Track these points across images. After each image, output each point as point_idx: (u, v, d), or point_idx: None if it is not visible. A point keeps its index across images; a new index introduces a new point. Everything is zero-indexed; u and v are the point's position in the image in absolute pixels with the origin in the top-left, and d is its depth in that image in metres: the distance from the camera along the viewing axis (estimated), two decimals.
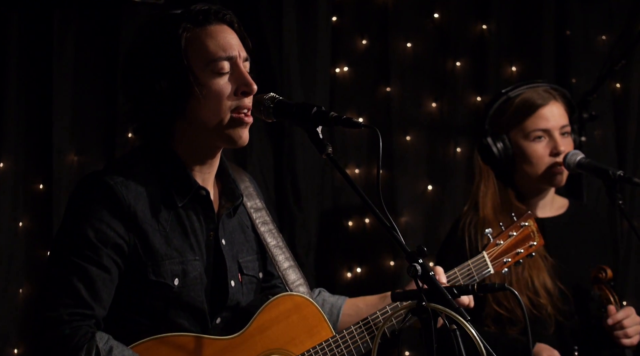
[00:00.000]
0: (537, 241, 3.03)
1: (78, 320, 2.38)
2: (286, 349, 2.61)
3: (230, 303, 2.59)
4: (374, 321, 2.70)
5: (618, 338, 3.39)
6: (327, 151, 2.38)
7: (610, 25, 4.48)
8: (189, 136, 2.54)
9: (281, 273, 2.77)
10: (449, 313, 2.13)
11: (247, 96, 2.54)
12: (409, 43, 4.31)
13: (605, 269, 3.45)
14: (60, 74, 3.67)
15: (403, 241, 2.28)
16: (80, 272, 2.40)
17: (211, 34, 2.53)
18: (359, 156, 4.22)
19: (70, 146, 3.69)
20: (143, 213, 2.47)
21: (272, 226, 2.81)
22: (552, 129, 3.51)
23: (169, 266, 2.48)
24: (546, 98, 3.54)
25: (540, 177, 3.53)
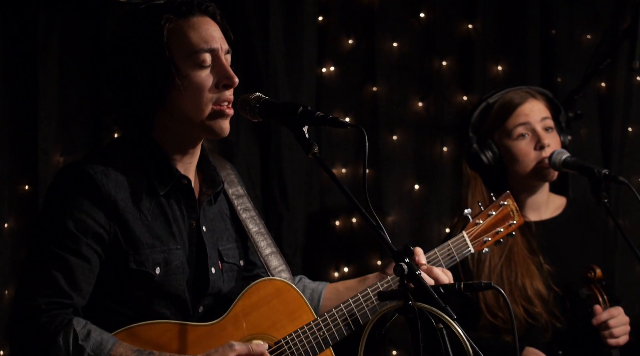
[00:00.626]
0: (516, 219, 3.04)
1: (56, 308, 2.38)
2: (268, 333, 2.62)
3: (211, 290, 2.59)
4: (355, 304, 2.71)
5: (604, 338, 3.40)
6: (314, 150, 2.38)
7: (595, 25, 4.50)
8: (170, 126, 2.55)
9: (263, 259, 2.77)
10: (435, 313, 2.14)
11: (229, 88, 2.55)
12: (395, 42, 4.31)
13: (595, 269, 3.46)
14: (45, 75, 3.66)
15: (389, 240, 2.28)
16: (59, 262, 2.40)
17: (193, 26, 2.53)
18: (345, 156, 4.22)
19: (55, 146, 3.68)
20: (124, 202, 2.47)
21: (253, 213, 2.82)
22: (533, 123, 3.52)
23: (151, 255, 2.48)
24: (524, 96, 3.57)
25: (530, 174, 3.54)
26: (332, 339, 2.67)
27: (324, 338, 2.66)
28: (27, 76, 3.66)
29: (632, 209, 4.37)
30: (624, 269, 4.39)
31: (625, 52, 4.23)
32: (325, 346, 2.66)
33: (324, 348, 2.66)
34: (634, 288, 4.42)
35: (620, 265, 4.39)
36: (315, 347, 2.64)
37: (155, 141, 2.56)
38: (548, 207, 3.64)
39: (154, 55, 2.49)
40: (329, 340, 2.67)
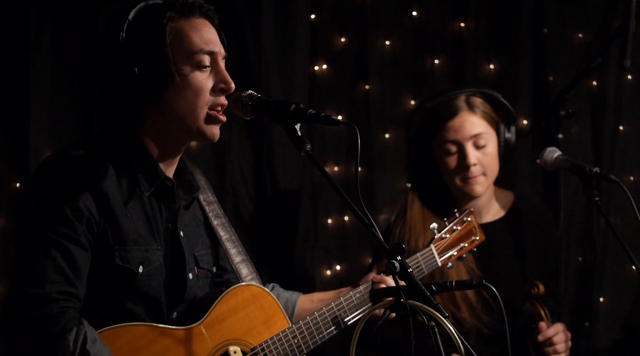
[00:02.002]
0: (479, 236, 3.10)
1: (66, 299, 2.33)
2: (244, 340, 2.62)
3: (187, 296, 2.59)
4: (329, 313, 2.73)
5: (548, 354, 3.44)
6: (306, 148, 2.38)
7: (587, 23, 4.51)
8: (159, 126, 2.54)
9: (234, 266, 2.78)
10: (427, 310, 2.14)
11: (225, 93, 2.55)
12: (388, 41, 4.32)
13: (538, 285, 3.48)
14: (36, 72, 3.65)
15: (382, 238, 2.29)
16: (62, 250, 2.36)
17: (195, 27, 2.54)
18: (337, 154, 4.22)
19: (47, 144, 3.67)
20: (114, 196, 2.45)
21: (224, 220, 2.82)
22: (462, 140, 3.51)
23: (135, 253, 2.47)
24: (459, 108, 3.54)
25: (456, 190, 3.57)
26: (307, 347, 2.69)
27: (298, 346, 2.67)
28: (18, 73, 3.65)
29: (623, 207, 4.38)
30: (615, 268, 4.41)
31: (617, 51, 4.25)
32: (300, 353, 2.68)
33: (298, 355, 2.67)
34: (624, 287, 4.44)
35: (611, 264, 4.41)
36: (290, 354, 2.65)
37: (141, 140, 2.54)
38: (490, 210, 3.65)
39: (155, 52, 2.47)
40: (303, 347, 2.68)
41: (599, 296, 4.41)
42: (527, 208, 3.71)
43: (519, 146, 4.35)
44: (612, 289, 4.42)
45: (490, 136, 3.55)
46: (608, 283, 4.42)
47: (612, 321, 4.41)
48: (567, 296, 4.37)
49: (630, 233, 4.25)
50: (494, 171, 3.56)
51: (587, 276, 4.43)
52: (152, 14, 2.50)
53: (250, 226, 4.03)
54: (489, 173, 3.54)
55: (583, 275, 4.44)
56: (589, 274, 4.42)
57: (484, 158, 3.52)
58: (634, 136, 4.52)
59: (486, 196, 3.62)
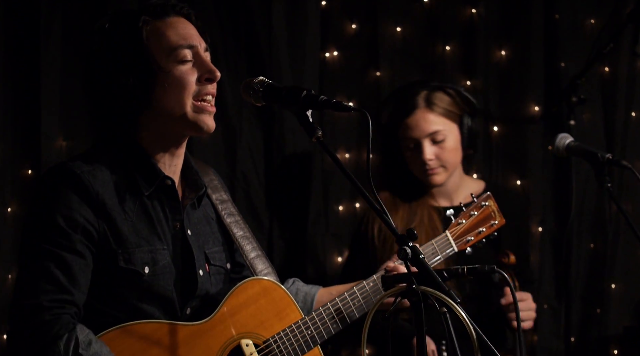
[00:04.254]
0: (498, 220, 3.08)
1: (59, 306, 2.38)
2: (256, 332, 2.63)
3: (199, 292, 2.60)
4: (342, 302, 2.74)
5: (511, 319, 3.46)
6: (317, 134, 2.37)
7: (599, 9, 4.48)
8: (155, 126, 2.57)
9: (249, 262, 2.79)
10: (439, 296, 2.14)
11: (211, 82, 2.58)
12: (399, 27, 4.30)
13: (509, 254, 3.51)
14: (48, 60, 3.66)
15: (393, 224, 2.28)
16: (55, 259, 2.41)
17: (171, 25, 2.58)
18: (349, 140, 4.22)
19: (58, 131, 3.68)
20: (111, 201, 2.49)
21: (238, 217, 2.83)
22: (419, 137, 3.63)
23: (139, 254, 2.50)
24: (414, 104, 3.65)
25: (420, 179, 3.67)
26: (320, 337, 2.70)
27: (312, 336, 2.68)
28: (29, 61, 3.66)
29: (635, 193, 4.37)
30: (627, 254, 4.40)
31: (629, 37, 4.22)
32: (314, 344, 2.68)
33: (312, 346, 2.68)
34: (636, 273, 4.43)
35: (623, 250, 4.40)
36: (304, 345, 2.66)
37: (139, 143, 2.58)
38: (460, 193, 3.71)
39: (135, 57, 2.52)
40: (316, 338, 2.69)
41: (611, 282, 4.40)
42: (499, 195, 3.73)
43: (531, 133, 4.35)
44: (624, 275, 4.41)
45: (449, 130, 3.65)
46: (619, 270, 4.41)
47: (623, 307, 4.40)
48: (578, 283, 4.36)
49: None
50: (454, 162, 3.67)
51: (599, 262, 4.42)
52: (127, 20, 2.56)
53: (261, 212, 4.03)
54: (448, 165, 3.65)
55: (594, 262, 4.43)
56: (601, 261, 4.41)
57: (441, 152, 3.63)
58: None
59: (453, 182, 3.71)
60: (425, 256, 2.88)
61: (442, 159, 3.63)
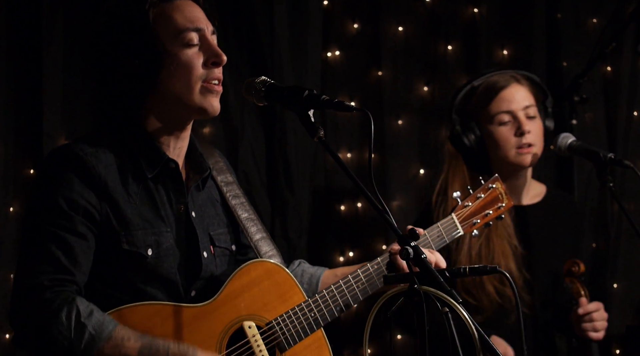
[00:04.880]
0: (505, 202, 3.06)
1: (59, 285, 2.40)
2: (259, 315, 2.62)
3: (204, 274, 2.61)
4: (346, 284, 2.73)
5: (586, 330, 3.44)
6: (319, 134, 2.38)
7: (601, 8, 4.48)
8: (160, 109, 2.57)
9: (253, 244, 2.79)
10: (441, 296, 2.14)
11: (217, 66, 2.58)
12: (401, 27, 4.30)
13: (579, 264, 3.49)
14: (50, 59, 3.66)
15: (395, 224, 2.28)
16: (57, 240, 2.42)
17: (178, 8, 2.57)
18: (350, 140, 4.22)
19: (60, 130, 3.68)
20: (114, 183, 2.49)
21: (243, 199, 2.83)
22: (515, 110, 3.55)
23: (142, 236, 2.50)
24: (508, 80, 3.59)
25: (510, 161, 3.57)
26: (324, 319, 2.69)
27: (315, 319, 2.67)
28: (31, 60, 3.66)
29: (637, 192, 4.38)
30: (629, 253, 4.40)
31: (631, 36, 4.23)
32: (317, 326, 2.68)
33: (315, 328, 2.67)
34: (638, 273, 4.43)
35: (625, 250, 4.40)
36: (307, 328, 2.66)
37: (143, 126, 2.58)
38: (528, 193, 3.67)
39: (142, 40, 2.51)
40: (320, 320, 2.68)
41: (613, 282, 4.40)
42: (560, 198, 3.78)
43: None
44: (626, 275, 4.41)
45: (537, 112, 3.59)
46: (622, 269, 4.42)
47: (625, 307, 4.40)
48: None
49: None
50: (541, 145, 3.61)
51: (601, 262, 4.42)
52: (134, 4, 2.55)
53: (263, 212, 4.03)
54: (538, 144, 3.58)
55: (597, 261, 4.43)
56: (603, 261, 4.41)
57: (534, 129, 3.55)
58: None
59: (525, 179, 3.64)
60: (431, 238, 2.88)
61: (535, 135, 3.55)
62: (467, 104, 3.63)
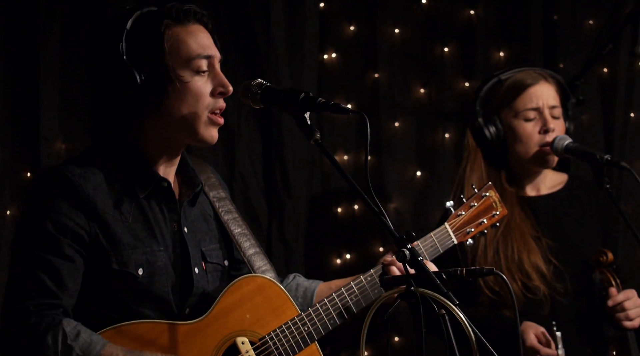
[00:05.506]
0: (499, 210, 3.06)
1: (45, 309, 2.39)
2: (252, 330, 2.62)
3: (196, 290, 2.60)
4: (339, 298, 2.73)
5: (619, 320, 3.41)
6: (315, 137, 2.38)
7: (598, 10, 4.48)
8: (159, 131, 2.57)
9: (247, 259, 2.79)
10: (437, 298, 2.14)
11: (224, 96, 2.60)
12: (397, 29, 4.30)
13: (606, 253, 3.47)
14: (46, 62, 3.66)
15: (392, 226, 2.28)
16: (42, 264, 2.42)
17: (192, 33, 2.56)
18: (347, 142, 4.22)
19: (57, 134, 3.68)
20: (103, 203, 2.49)
21: (236, 215, 2.83)
22: (542, 107, 3.54)
23: (133, 256, 2.50)
24: (536, 78, 3.57)
25: (531, 158, 3.55)
26: (317, 333, 2.69)
27: (308, 333, 2.67)
28: (28, 63, 3.66)
29: (634, 194, 4.37)
30: (625, 255, 4.39)
31: (628, 38, 4.22)
32: (311, 340, 2.68)
33: (309, 342, 2.67)
34: (635, 274, 4.42)
35: (622, 250, 4.39)
36: (301, 342, 2.66)
37: (136, 145, 2.57)
38: (546, 183, 3.65)
39: (155, 60, 2.50)
40: (314, 334, 2.68)
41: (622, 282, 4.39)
42: (583, 182, 3.74)
43: None
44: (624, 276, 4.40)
45: (561, 113, 3.58)
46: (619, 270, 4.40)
47: None
48: None
49: None
50: None
51: None
52: (150, 22, 2.53)
53: (259, 215, 4.03)
54: None
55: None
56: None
57: (558, 129, 3.54)
58: None
59: (544, 171, 3.63)
60: (425, 249, 2.89)
61: (560, 133, 3.53)
62: (493, 97, 3.61)
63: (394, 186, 4.27)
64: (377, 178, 4.22)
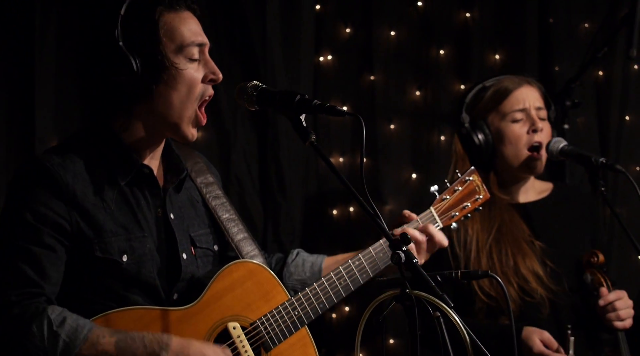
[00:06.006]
0: (482, 194, 3.07)
1: (27, 298, 2.39)
2: (243, 315, 2.63)
3: (184, 276, 2.61)
4: (328, 282, 2.74)
5: (610, 320, 3.40)
6: (311, 139, 2.38)
7: (593, 13, 4.49)
8: (144, 119, 2.56)
9: (235, 244, 2.79)
10: (432, 301, 2.14)
11: (214, 83, 2.60)
12: (393, 31, 4.31)
13: (597, 254, 3.47)
14: (42, 62, 3.66)
15: (387, 229, 2.28)
16: (23, 254, 2.42)
17: (184, 20, 2.57)
18: (342, 144, 4.22)
19: (52, 134, 3.68)
20: (83, 192, 2.49)
21: (224, 200, 2.83)
22: (529, 108, 3.54)
23: (116, 243, 2.50)
24: (520, 82, 3.58)
25: (520, 163, 3.55)
26: (307, 317, 2.69)
27: (299, 317, 2.68)
28: (24, 64, 3.65)
29: (629, 197, 4.38)
30: (621, 258, 4.40)
31: (623, 41, 4.22)
32: (301, 324, 2.68)
33: (299, 326, 2.68)
34: (631, 277, 4.43)
35: (617, 254, 4.40)
36: (291, 326, 2.66)
37: (117, 133, 2.57)
38: (534, 191, 3.65)
39: (150, 47, 2.50)
40: (304, 318, 2.69)
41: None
42: (569, 190, 3.77)
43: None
44: (618, 279, 4.37)
45: (546, 116, 3.59)
46: (614, 274, 4.40)
47: None
48: None
49: (636, 223, 4.24)
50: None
51: None
52: (144, 9, 2.53)
53: (255, 216, 4.03)
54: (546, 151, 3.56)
55: None
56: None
57: (545, 130, 3.55)
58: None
59: (530, 180, 3.63)
60: None
61: (546, 137, 3.54)
62: (478, 102, 3.62)
63: (389, 188, 4.27)
64: (372, 180, 4.23)
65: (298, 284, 2.88)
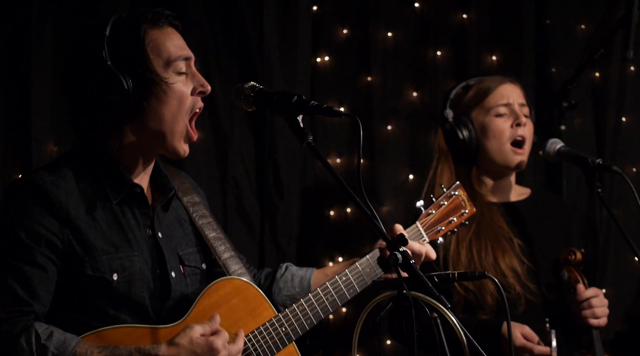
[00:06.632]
0: (468, 209, 3.08)
1: (16, 316, 2.39)
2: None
3: (174, 294, 2.61)
4: (315, 298, 2.74)
5: (585, 317, 3.41)
6: (308, 140, 2.38)
7: (589, 15, 4.50)
8: (135, 137, 2.57)
9: (222, 262, 2.79)
10: (429, 302, 2.14)
11: (203, 95, 2.61)
12: (390, 32, 4.31)
13: (575, 252, 3.49)
14: (38, 64, 3.65)
15: (384, 229, 2.29)
16: (14, 272, 2.42)
17: (169, 35, 2.58)
18: (340, 145, 4.22)
19: (48, 136, 3.68)
20: (75, 210, 2.49)
21: (210, 219, 2.84)
22: (513, 103, 3.56)
23: (107, 261, 2.50)
24: (504, 80, 3.61)
25: (503, 157, 3.55)
26: (295, 334, 2.69)
27: (286, 333, 2.68)
28: (20, 66, 3.65)
29: (625, 198, 4.38)
30: (617, 259, 4.41)
31: (619, 42, 4.24)
32: (288, 341, 2.68)
33: (287, 343, 2.68)
34: (627, 278, 4.44)
35: (614, 255, 4.41)
36: (279, 342, 2.66)
37: (109, 151, 2.57)
38: (513, 192, 3.67)
39: (138, 64, 2.51)
40: (291, 334, 2.69)
41: (602, 287, 4.40)
42: (547, 197, 3.82)
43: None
44: (615, 280, 4.42)
45: (529, 114, 3.60)
46: (610, 275, 4.42)
47: (614, 312, 4.38)
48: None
49: (633, 224, 4.26)
50: (529, 150, 3.60)
51: (590, 267, 4.43)
52: (129, 27, 2.54)
53: (252, 217, 4.03)
54: (527, 148, 3.57)
55: (585, 267, 4.43)
56: (592, 266, 4.42)
57: (528, 126, 3.56)
58: (637, 127, 4.52)
59: (510, 180, 3.64)
60: None
61: (529, 133, 3.56)
62: (462, 98, 3.63)
63: (386, 189, 4.27)
64: (369, 180, 4.23)
65: (288, 299, 2.88)
